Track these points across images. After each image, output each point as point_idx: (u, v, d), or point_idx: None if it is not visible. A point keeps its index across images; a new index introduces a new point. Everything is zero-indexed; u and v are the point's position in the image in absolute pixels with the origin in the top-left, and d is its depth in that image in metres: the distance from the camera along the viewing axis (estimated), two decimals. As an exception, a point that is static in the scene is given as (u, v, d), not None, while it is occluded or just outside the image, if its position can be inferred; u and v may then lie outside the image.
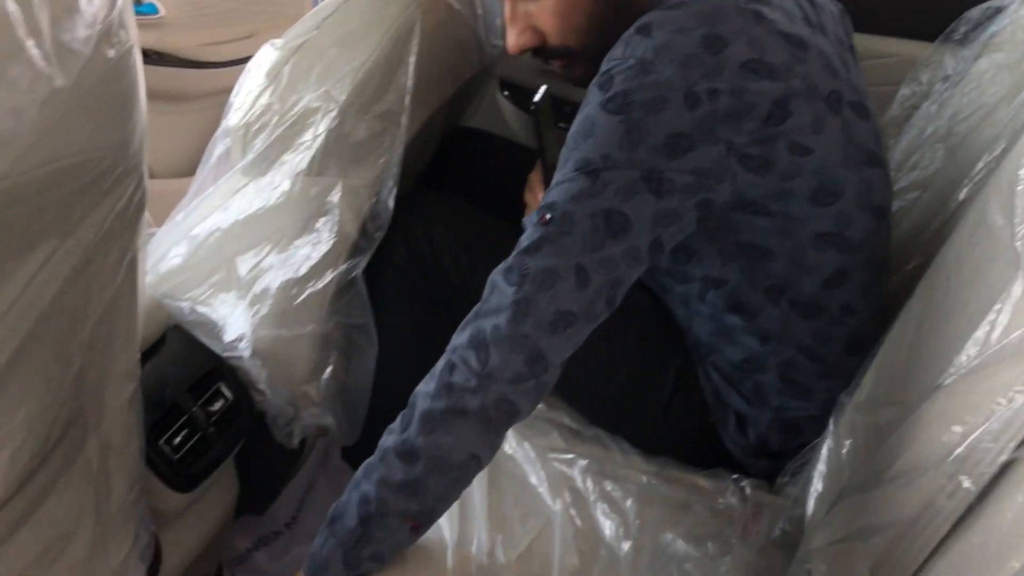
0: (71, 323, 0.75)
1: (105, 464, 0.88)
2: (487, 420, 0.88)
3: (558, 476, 1.11)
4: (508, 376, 0.88)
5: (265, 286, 1.16)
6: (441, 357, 0.91)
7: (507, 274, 0.90)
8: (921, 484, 0.78)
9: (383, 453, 0.90)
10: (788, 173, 0.93)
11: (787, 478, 1.10)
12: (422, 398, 0.89)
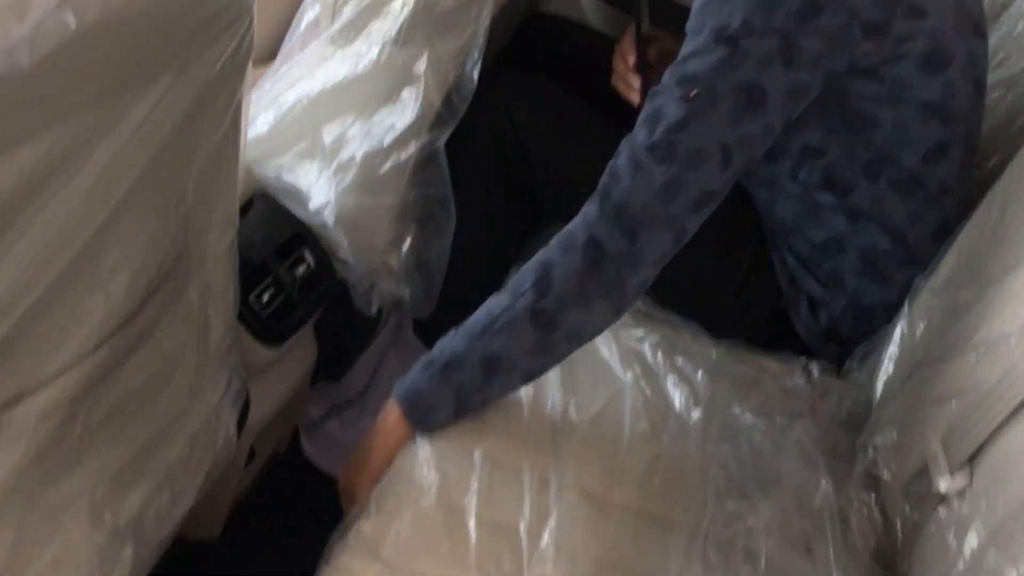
0: (184, 160, 0.78)
1: (204, 307, 0.92)
2: (626, 301, 0.95)
3: (629, 351, 1.14)
4: (656, 257, 0.93)
5: (350, 155, 1.18)
6: (569, 228, 0.96)
7: (652, 152, 0.92)
8: (1002, 351, 0.79)
9: (513, 318, 0.93)
10: (903, 36, 0.94)
11: (855, 363, 1.12)
12: (561, 271, 0.93)
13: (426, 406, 0.97)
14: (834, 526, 0.90)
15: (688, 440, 1.02)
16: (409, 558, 0.84)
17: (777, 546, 0.89)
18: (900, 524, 0.88)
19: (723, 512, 0.92)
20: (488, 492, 0.92)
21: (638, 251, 0.91)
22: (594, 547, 0.88)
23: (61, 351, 0.70)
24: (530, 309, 0.93)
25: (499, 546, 0.87)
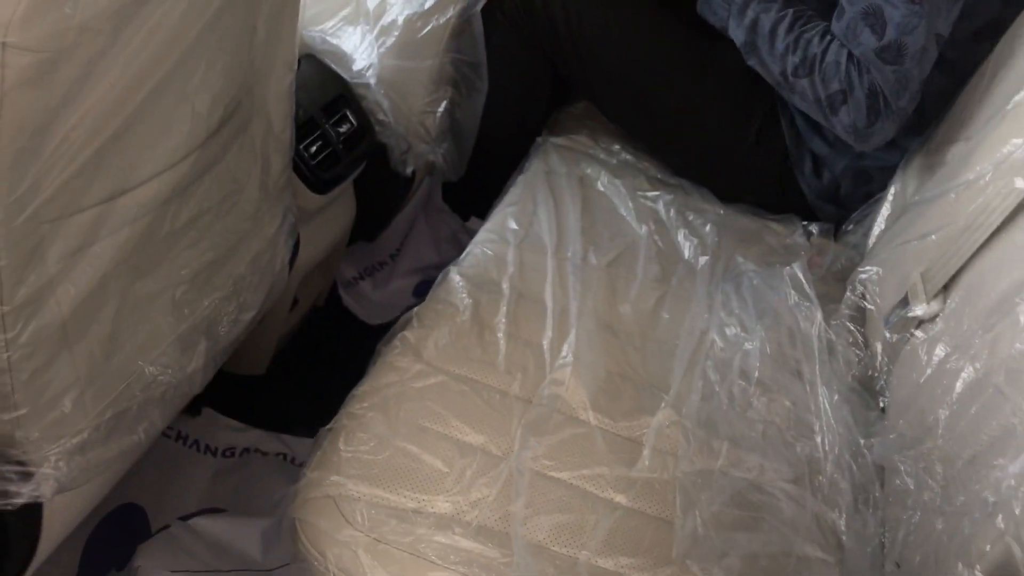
0: None
1: (266, 143, 1.03)
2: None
3: (644, 208, 1.25)
4: (879, 137, 1.13)
5: (392, 19, 1.27)
6: (837, 57, 1.12)
7: (885, 54, 1.07)
8: (978, 188, 0.89)
9: (789, 47, 1.16)
10: None
11: (851, 225, 1.22)
12: (821, 74, 1.13)
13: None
14: (822, 352, 1.02)
15: (695, 282, 1.13)
16: (447, 361, 0.96)
17: (770, 368, 1.01)
18: (880, 348, 0.99)
19: (723, 338, 1.03)
20: (515, 314, 1.04)
21: (870, 132, 1.12)
22: (606, 361, 1.00)
23: (156, 155, 0.81)
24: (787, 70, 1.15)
25: (524, 356, 0.99)
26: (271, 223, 1.08)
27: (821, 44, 1.13)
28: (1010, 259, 0.84)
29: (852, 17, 1.09)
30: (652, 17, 1.34)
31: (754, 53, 1.20)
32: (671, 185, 1.33)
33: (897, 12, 1.05)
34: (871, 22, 1.07)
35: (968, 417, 0.76)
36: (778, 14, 1.17)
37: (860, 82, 1.09)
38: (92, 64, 0.67)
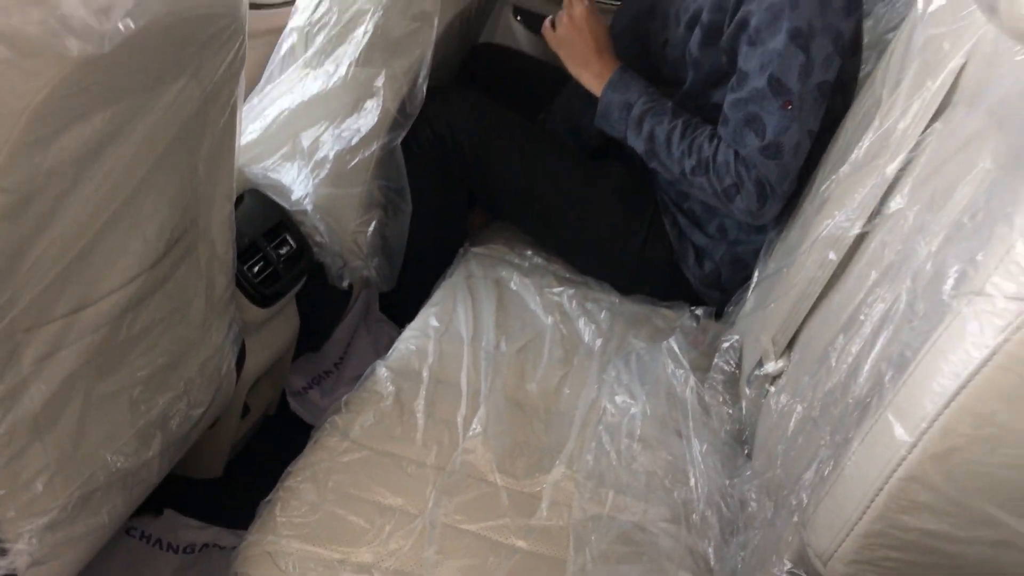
0: (197, 140, 1.06)
1: (211, 264, 1.19)
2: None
3: (551, 302, 1.42)
4: (770, 215, 1.33)
5: (324, 154, 1.46)
6: (727, 157, 1.33)
7: (766, 151, 1.29)
8: (805, 262, 1.07)
9: (684, 152, 1.36)
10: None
11: (730, 308, 1.40)
12: (715, 173, 1.33)
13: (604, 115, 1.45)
14: (696, 412, 1.17)
15: (592, 361, 1.29)
16: (371, 439, 1.11)
17: (652, 427, 1.16)
18: (745, 405, 1.15)
19: (613, 405, 1.19)
20: (433, 397, 1.19)
21: (762, 213, 1.33)
22: (513, 432, 1.15)
23: (113, 274, 0.97)
24: (692, 164, 1.35)
25: (440, 431, 1.14)
26: (218, 333, 1.24)
27: (711, 147, 1.34)
28: (830, 317, 1.01)
29: (737, 123, 1.31)
30: (546, 142, 1.56)
31: (654, 158, 1.41)
32: (576, 281, 1.51)
33: (773, 118, 1.27)
34: (754, 127, 1.29)
35: (796, 447, 0.92)
36: (670, 124, 1.38)
37: (748, 176, 1.30)
38: (58, 200, 0.85)
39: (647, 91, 1.43)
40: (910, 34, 1.09)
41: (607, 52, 1.48)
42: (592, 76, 1.47)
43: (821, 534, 0.75)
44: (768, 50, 1.26)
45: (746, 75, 1.29)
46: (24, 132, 0.76)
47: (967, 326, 0.64)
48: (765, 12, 1.25)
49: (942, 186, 0.85)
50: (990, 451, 0.66)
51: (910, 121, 0.96)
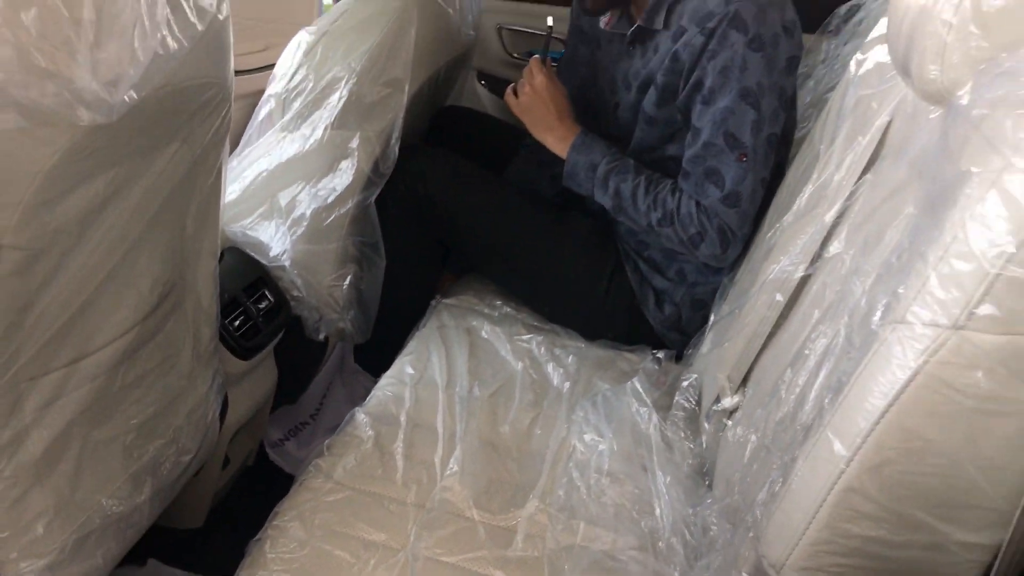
0: (186, 200, 1.13)
1: (196, 317, 1.26)
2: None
3: (520, 349, 1.50)
4: (733, 256, 1.43)
5: (301, 213, 1.54)
6: (689, 208, 1.44)
7: (726, 200, 1.40)
8: (755, 303, 1.16)
9: (649, 206, 1.47)
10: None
11: (690, 350, 1.48)
12: (679, 223, 1.44)
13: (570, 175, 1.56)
14: (660, 448, 1.24)
15: (561, 404, 1.36)
16: (353, 480, 1.17)
17: (620, 463, 1.23)
18: (705, 439, 1.23)
19: (582, 443, 1.26)
20: (411, 439, 1.25)
21: (726, 257, 1.45)
22: (488, 470, 1.22)
23: (109, 326, 1.03)
24: (657, 216, 1.46)
25: (419, 471, 1.20)
26: (203, 383, 1.29)
27: (674, 200, 1.44)
28: (779, 354, 1.10)
29: (697, 176, 1.42)
30: (513, 196, 1.65)
31: (622, 212, 1.51)
32: (543, 329, 1.59)
33: (730, 170, 1.39)
34: (713, 179, 1.40)
35: (752, 473, 1.00)
36: (634, 181, 1.49)
37: (711, 224, 1.41)
38: (63, 257, 0.91)
39: (609, 151, 1.53)
40: (843, 94, 1.20)
41: (568, 117, 1.59)
42: (556, 140, 1.57)
43: (774, 545, 0.82)
44: (722, 108, 1.37)
45: (701, 131, 1.40)
46: (36, 193, 0.83)
47: (892, 351, 0.72)
48: (718, 75, 1.37)
49: (873, 231, 0.94)
50: (918, 462, 0.74)
51: (844, 173, 1.06)
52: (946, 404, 0.71)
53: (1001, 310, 0.67)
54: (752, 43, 1.34)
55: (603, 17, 1.61)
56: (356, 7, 1.58)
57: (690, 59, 1.41)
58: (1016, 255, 0.65)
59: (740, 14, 1.35)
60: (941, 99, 0.77)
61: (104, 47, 0.82)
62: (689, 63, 1.41)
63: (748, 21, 1.34)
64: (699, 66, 1.40)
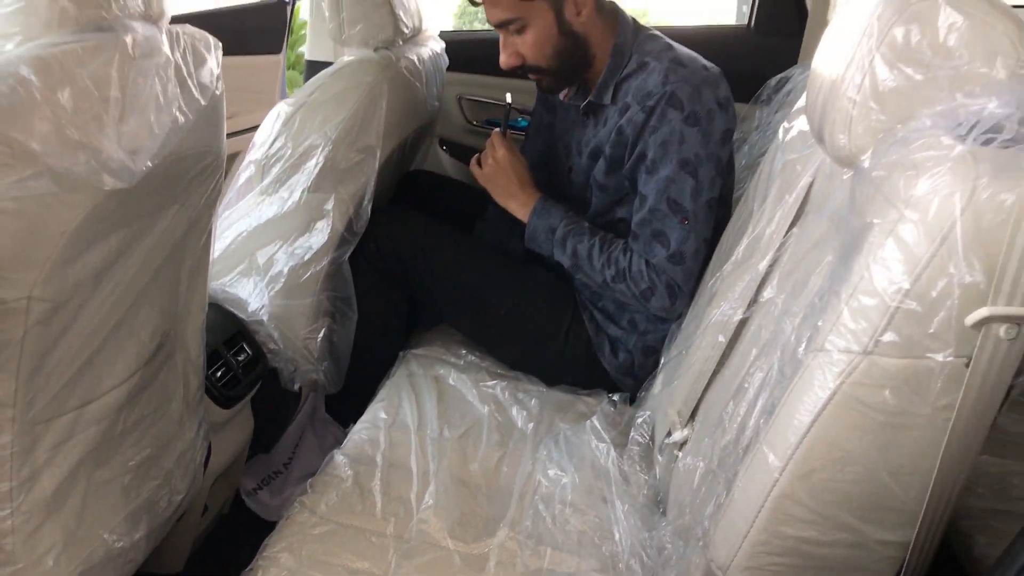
0: (182, 257, 1.23)
1: (186, 367, 1.35)
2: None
3: (486, 394, 1.61)
4: (681, 308, 1.56)
5: (278, 270, 1.64)
6: (640, 266, 1.58)
7: (672, 259, 1.55)
8: (701, 344, 1.29)
9: (604, 264, 1.62)
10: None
11: (643, 393, 1.60)
12: (631, 280, 1.58)
13: (531, 239, 1.71)
14: (618, 481, 1.36)
15: (526, 443, 1.47)
16: (336, 514, 1.26)
17: (582, 496, 1.34)
18: (658, 471, 1.34)
19: (547, 478, 1.37)
20: (388, 478, 1.35)
21: (676, 310, 1.58)
22: (460, 504, 1.32)
23: (114, 372, 1.12)
24: (610, 273, 1.60)
25: (396, 506, 1.30)
26: (191, 429, 1.38)
27: (625, 259, 1.59)
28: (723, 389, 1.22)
29: (645, 238, 1.57)
30: (478, 251, 1.78)
31: (579, 271, 1.65)
32: (507, 376, 1.70)
33: (674, 232, 1.53)
34: (660, 240, 1.55)
35: (701, 495, 1.11)
36: (589, 242, 1.63)
37: (660, 280, 1.55)
38: (79, 309, 1.01)
39: (567, 215, 1.68)
40: (773, 159, 1.35)
41: (529, 185, 1.74)
42: (519, 206, 1.72)
43: (720, 549, 0.94)
44: (664, 177, 1.53)
45: (647, 198, 1.55)
46: (62, 251, 0.93)
47: (815, 375, 0.85)
48: (659, 147, 1.53)
49: (800, 277, 1.08)
50: (841, 470, 0.86)
51: (775, 227, 1.20)
52: (862, 419, 0.84)
53: (901, 337, 0.80)
54: (688, 119, 1.50)
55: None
56: (331, 81, 1.71)
57: (633, 133, 1.57)
58: (911, 291, 0.78)
59: (676, 94, 1.51)
60: (850, 162, 0.92)
61: (127, 121, 0.94)
62: (632, 136, 1.57)
63: (684, 100, 1.50)
64: (641, 140, 1.55)
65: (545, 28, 1.59)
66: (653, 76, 1.55)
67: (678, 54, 1.58)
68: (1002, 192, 0.75)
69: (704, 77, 1.54)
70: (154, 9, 1.03)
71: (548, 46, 1.60)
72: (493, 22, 1.60)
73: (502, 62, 1.64)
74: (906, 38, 0.85)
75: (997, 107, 0.80)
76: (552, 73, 1.65)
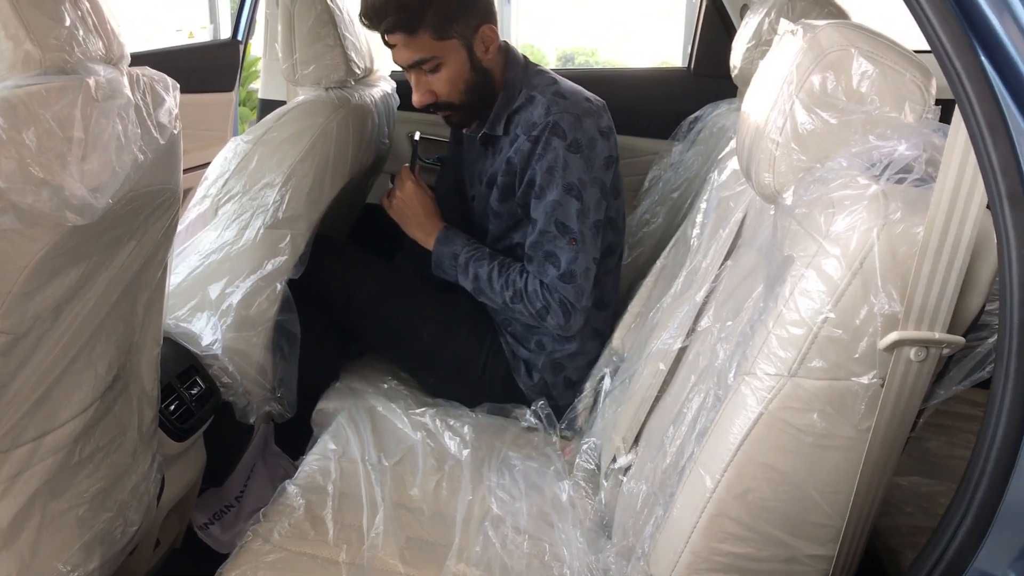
0: (139, 291, 1.26)
1: (141, 399, 1.37)
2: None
3: (416, 422, 1.66)
4: (576, 326, 1.65)
5: (230, 304, 1.67)
6: (535, 286, 1.67)
7: (563, 278, 1.63)
8: (643, 372, 1.34)
9: (502, 286, 1.71)
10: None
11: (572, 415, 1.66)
12: (528, 300, 1.67)
13: (437, 266, 1.80)
14: (566, 507, 1.40)
15: (462, 468, 1.51)
16: (289, 542, 1.29)
17: (531, 522, 1.38)
18: (604, 496, 1.39)
19: (498, 503, 1.41)
20: (339, 506, 1.38)
21: (570, 325, 1.67)
22: (406, 530, 1.35)
23: (71, 404, 1.14)
24: (509, 293, 1.69)
25: (348, 533, 1.32)
26: (144, 461, 1.40)
27: (522, 280, 1.69)
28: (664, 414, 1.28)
29: (538, 259, 1.66)
30: (403, 279, 1.87)
31: (481, 294, 1.75)
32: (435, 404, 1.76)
33: (564, 252, 1.63)
34: (551, 261, 1.65)
35: (642, 517, 1.16)
36: (489, 266, 1.73)
37: (553, 299, 1.65)
38: (38, 341, 1.03)
39: (469, 243, 1.79)
40: (709, 196, 1.42)
41: (433, 215, 1.85)
42: (424, 235, 1.85)
43: (660, 564, 0.98)
44: (551, 201, 1.63)
45: (537, 221, 1.66)
46: (23, 284, 0.96)
47: (745, 398, 0.91)
48: (545, 173, 1.63)
49: (734, 307, 1.14)
50: (774, 489, 0.92)
51: (710, 260, 1.27)
52: (791, 440, 0.90)
53: (826, 362, 0.86)
54: (571, 147, 1.61)
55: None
56: (285, 121, 1.76)
57: (521, 162, 1.68)
58: (832, 319, 0.85)
59: (559, 123, 1.62)
60: (774, 199, 0.98)
61: (90, 160, 0.97)
62: (520, 165, 1.68)
63: (566, 129, 1.62)
64: (530, 167, 1.66)
65: (458, 66, 1.69)
66: (538, 108, 1.66)
67: (561, 88, 1.69)
68: (914, 226, 0.82)
69: (586, 108, 1.66)
70: (115, 52, 1.07)
71: (461, 82, 1.71)
72: (406, 62, 1.69)
73: (416, 100, 1.73)
74: (823, 85, 0.93)
75: (906, 149, 0.87)
76: (463, 108, 1.75)
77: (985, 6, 0.71)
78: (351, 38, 1.87)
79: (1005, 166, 0.70)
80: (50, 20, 0.97)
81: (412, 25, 1.63)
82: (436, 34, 1.64)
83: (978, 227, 0.79)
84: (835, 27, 0.96)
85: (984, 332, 0.87)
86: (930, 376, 0.84)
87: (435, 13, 1.63)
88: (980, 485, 0.74)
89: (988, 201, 0.73)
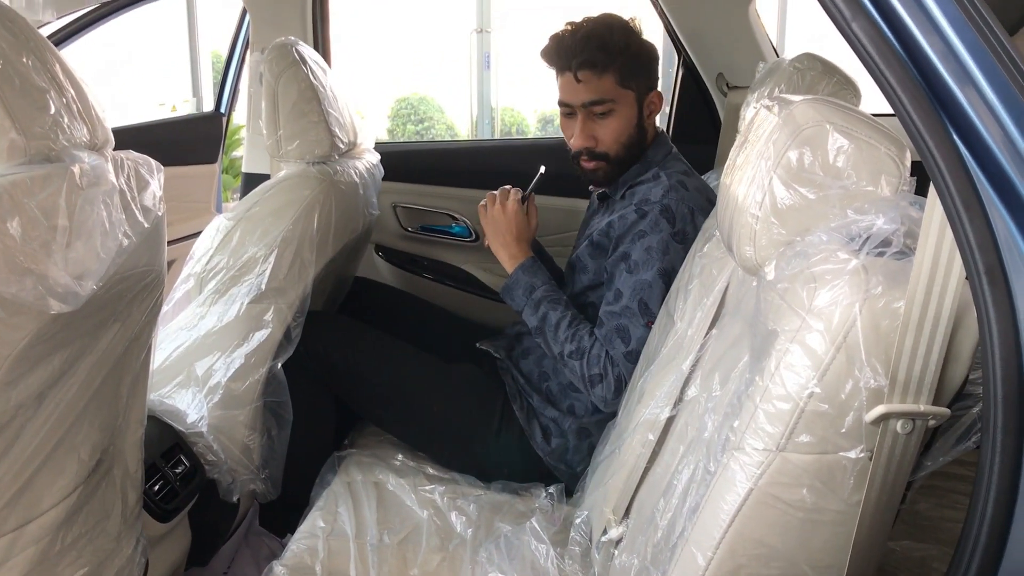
0: (122, 374, 1.25)
1: (124, 482, 1.35)
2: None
3: (424, 499, 1.63)
4: (617, 406, 1.62)
5: (217, 380, 1.66)
6: (599, 352, 1.66)
7: (628, 356, 1.63)
8: (632, 442, 1.34)
9: (567, 338, 1.70)
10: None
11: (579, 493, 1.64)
12: (587, 362, 1.66)
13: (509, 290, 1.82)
14: (557, 579, 1.39)
15: (466, 547, 1.49)
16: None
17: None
18: (596, 569, 1.37)
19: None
20: (330, 587, 1.36)
21: (612, 400, 1.65)
22: (402, 610, 1.33)
23: (53, 491, 1.13)
24: (573, 348, 1.67)
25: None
26: (128, 544, 1.37)
27: (589, 340, 1.67)
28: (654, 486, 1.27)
29: (609, 329, 1.65)
30: (404, 351, 1.85)
31: (541, 335, 1.74)
32: (445, 479, 1.73)
33: (638, 331, 1.63)
34: (622, 335, 1.64)
35: (636, 592, 1.15)
36: (561, 314, 1.72)
37: (613, 371, 1.63)
38: (20, 429, 1.02)
39: (549, 281, 1.79)
40: (691, 264, 1.43)
41: (524, 243, 1.86)
42: (508, 256, 1.85)
43: (654, 645, 0.97)
44: (643, 280, 1.64)
45: (622, 294, 1.66)
46: (6, 373, 0.96)
47: (735, 474, 0.90)
48: (644, 251, 1.65)
49: (721, 376, 1.14)
50: (765, 565, 0.91)
51: (696, 328, 1.27)
52: (781, 516, 0.89)
53: (814, 436, 0.86)
54: (676, 235, 1.64)
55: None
56: (270, 195, 1.77)
57: (621, 230, 1.70)
58: (818, 393, 0.85)
59: (671, 208, 1.65)
60: (756, 271, 0.99)
61: (74, 247, 0.98)
62: (619, 233, 1.70)
63: (677, 217, 1.65)
64: (627, 239, 1.68)
65: (627, 118, 1.75)
66: (659, 188, 1.69)
67: (689, 180, 1.73)
68: (895, 300, 0.83)
69: (703, 206, 1.68)
70: (99, 137, 1.08)
71: (624, 135, 1.75)
72: (582, 101, 1.73)
73: (575, 142, 1.78)
74: (800, 160, 0.94)
75: (885, 223, 0.88)
76: (614, 162, 1.79)
77: (951, 82, 0.73)
78: (335, 113, 1.89)
79: (981, 242, 0.71)
80: (35, 109, 0.98)
81: (604, 64, 1.70)
82: (620, 80, 1.71)
83: (958, 298, 0.80)
84: (809, 103, 0.98)
85: (968, 401, 0.88)
86: (917, 448, 0.85)
87: (625, 61, 1.71)
88: (972, 563, 0.74)
89: (967, 274, 0.74)
